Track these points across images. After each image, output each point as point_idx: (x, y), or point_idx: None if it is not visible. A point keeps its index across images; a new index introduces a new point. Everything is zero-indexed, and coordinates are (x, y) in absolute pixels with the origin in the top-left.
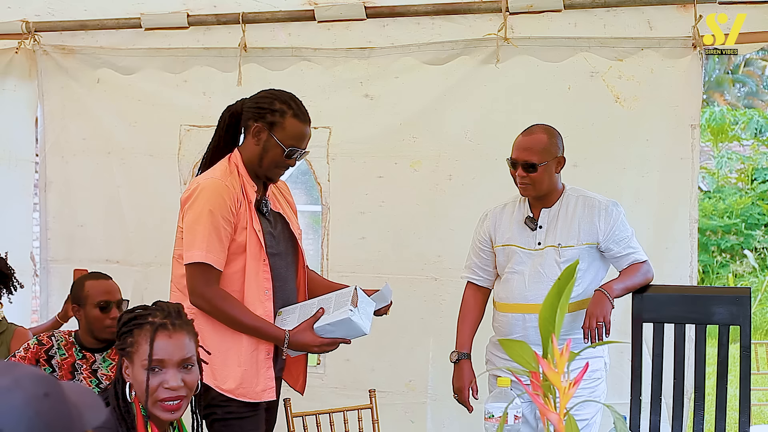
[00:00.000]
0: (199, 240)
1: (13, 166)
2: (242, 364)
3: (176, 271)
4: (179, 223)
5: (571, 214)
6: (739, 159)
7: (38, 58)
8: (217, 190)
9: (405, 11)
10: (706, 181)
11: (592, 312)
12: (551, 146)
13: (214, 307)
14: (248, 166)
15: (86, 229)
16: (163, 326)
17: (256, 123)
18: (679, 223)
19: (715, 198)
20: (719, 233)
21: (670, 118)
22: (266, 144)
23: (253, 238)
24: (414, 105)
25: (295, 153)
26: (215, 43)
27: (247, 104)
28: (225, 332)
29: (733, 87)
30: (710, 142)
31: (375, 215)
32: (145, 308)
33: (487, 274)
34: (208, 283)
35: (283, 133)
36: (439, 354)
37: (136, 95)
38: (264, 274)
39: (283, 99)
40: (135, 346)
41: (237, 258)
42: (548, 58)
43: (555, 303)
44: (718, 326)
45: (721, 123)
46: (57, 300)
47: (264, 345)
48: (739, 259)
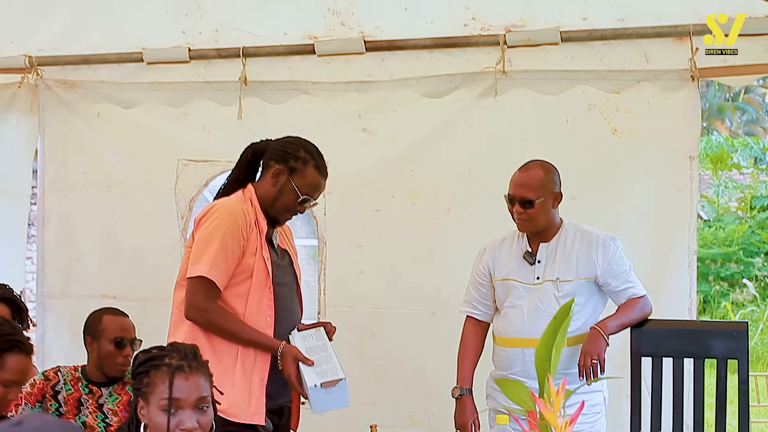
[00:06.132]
0: (206, 256)
1: (9, 201)
2: (235, 385)
3: (179, 295)
4: (187, 243)
5: (569, 249)
6: (738, 187)
7: (40, 93)
8: (232, 211)
9: (404, 45)
10: (705, 209)
11: (586, 350)
12: (548, 182)
13: (210, 321)
14: (261, 202)
15: (83, 263)
16: (180, 368)
17: (278, 165)
18: (678, 254)
19: (715, 226)
20: (719, 262)
21: (668, 150)
22: (283, 187)
23: (261, 264)
24: (412, 138)
25: (307, 201)
26: (216, 76)
27: (272, 145)
28: (222, 354)
29: (734, 114)
30: (710, 171)
31: (372, 249)
32: (162, 349)
33: (487, 308)
34: (207, 298)
35: (302, 180)
36: (438, 388)
37: (136, 129)
38: (268, 302)
39: (308, 149)
40: (151, 386)
41: (243, 282)
42: (546, 90)
43: (551, 341)
44: (716, 360)
45: (720, 151)
46: (53, 336)
47: (258, 371)
48: (739, 287)
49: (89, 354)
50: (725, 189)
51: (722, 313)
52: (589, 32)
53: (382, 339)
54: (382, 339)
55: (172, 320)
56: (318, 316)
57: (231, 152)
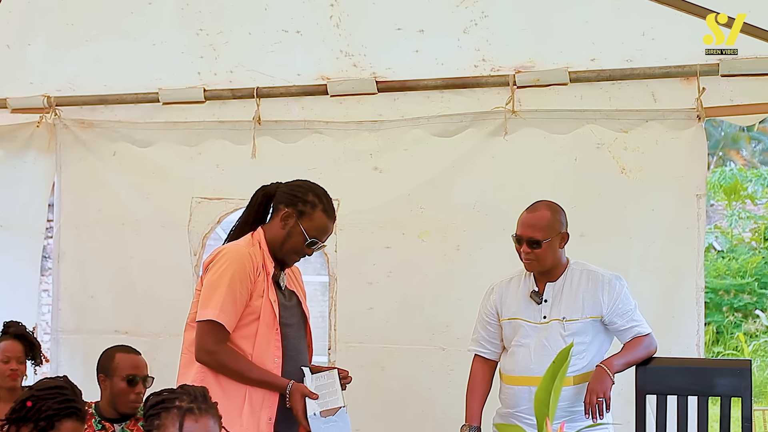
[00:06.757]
0: (215, 300)
1: (25, 237)
2: (244, 424)
3: (188, 336)
4: (197, 287)
5: (575, 288)
6: (751, 218)
7: (58, 132)
8: (239, 256)
9: (415, 86)
10: (719, 240)
11: (592, 388)
12: (555, 223)
13: (220, 364)
14: (270, 245)
15: (97, 299)
16: (190, 410)
17: (287, 208)
18: (686, 291)
19: (728, 257)
20: (732, 293)
21: (675, 188)
22: (292, 230)
23: (267, 306)
24: (422, 176)
25: (315, 244)
26: (230, 116)
27: (282, 189)
28: (231, 393)
29: (749, 144)
30: (724, 202)
31: (383, 285)
32: (172, 391)
33: (494, 347)
34: (217, 341)
35: (310, 223)
36: (449, 424)
37: (151, 167)
38: (275, 342)
39: (317, 193)
40: (162, 428)
41: (250, 324)
42: (555, 130)
43: (550, 385)
44: (720, 398)
45: (734, 182)
46: (66, 370)
47: (266, 410)
48: (752, 318)
49: (102, 391)
50: (739, 219)
51: (735, 344)
52: (598, 72)
53: (393, 375)
54: (392, 375)
55: (182, 361)
56: (329, 351)
57: (244, 190)
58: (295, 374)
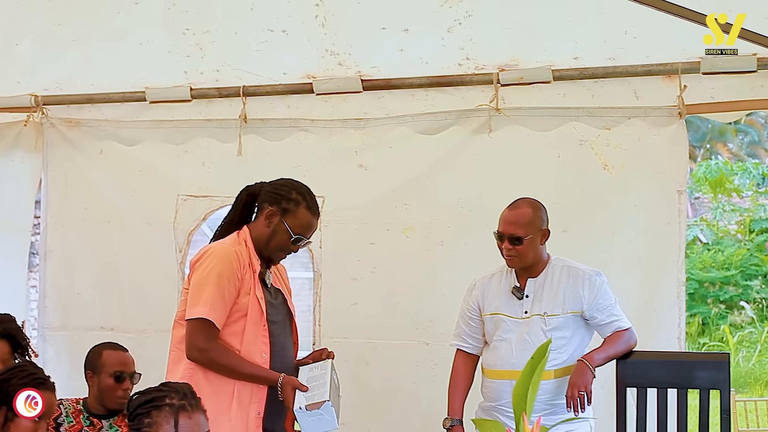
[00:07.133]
0: (204, 298)
1: (12, 234)
2: (233, 420)
3: (177, 333)
4: (185, 285)
5: (556, 284)
6: (737, 211)
7: (45, 131)
8: (226, 254)
9: (400, 84)
10: (704, 233)
11: (574, 382)
12: (536, 220)
13: (212, 360)
14: (255, 243)
15: (82, 296)
16: (182, 407)
17: (271, 207)
18: (667, 285)
19: (714, 250)
20: (717, 285)
21: (657, 185)
22: (276, 228)
23: (254, 303)
24: (407, 173)
25: (300, 241)
26: (216, 114)
27: (265, 188)
28: (220, 389)
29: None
30: (709, 195)
31: (367, 281)
32: (159, 390)
33: (476, 342)
34: (207, 339)
35: (294, 221)
36: (433, 418)
37: (137, 166)
38: (263, 338)
39: (300, 190)
40: (154, 427)
41: (238, 321)
42: (538, 127)
43: (527, 381)
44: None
45: (720, 176)
46: (53, 367)
47: (255, 405)
48: (737, 310)
49: (90, 387)
50: (724, 212)
51: (720, 336)
52: (581, 71)
53: (377, 369)
54: (376, 369)
55: (170, 357)
56: (313, 346)
57: (230, 188)
58: (281, 370)
